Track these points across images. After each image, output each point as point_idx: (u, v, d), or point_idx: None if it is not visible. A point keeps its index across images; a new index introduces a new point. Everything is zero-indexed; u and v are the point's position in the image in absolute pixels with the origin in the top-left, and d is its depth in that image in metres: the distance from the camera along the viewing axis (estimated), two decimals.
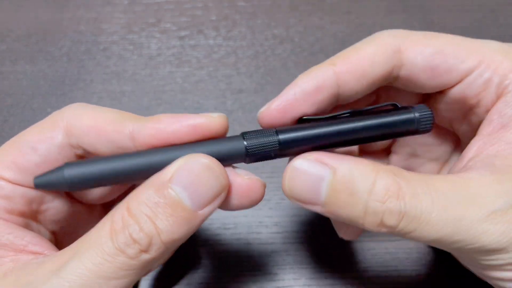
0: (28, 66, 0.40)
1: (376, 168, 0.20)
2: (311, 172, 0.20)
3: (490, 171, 0.19)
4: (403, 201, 0.19)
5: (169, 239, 0.19)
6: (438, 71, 0.22)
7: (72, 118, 0.22)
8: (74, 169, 0.20)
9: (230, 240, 0.32)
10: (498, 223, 0.18)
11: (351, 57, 0.22)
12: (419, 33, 0.23)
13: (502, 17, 0.43)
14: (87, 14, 0.43)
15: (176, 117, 0.21)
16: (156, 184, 0.19)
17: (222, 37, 0.42)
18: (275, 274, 0.31)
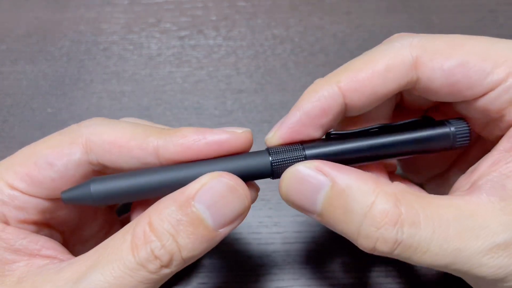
0: (28, 66, 0.40)
1: (378, 187, 0.19)
2: (309, 181, 0.20)
3: (499, 196, 0.18)
4: (400, 230, 0.18)
5: (189, 256, 0.19)
6: (459, 87, 0.20)
7: (92, 134, 0.21)
8: (100, 185, 0.20)
9: (230, 240, 0.32)
10: (499, 257, 0.18)
11: (360, 74, 0.20)
12: (441, 40, 0.20)
13: (502, 17, 0.43)
14: (87, 14, 0.43)
15: (202, 133, 0.20)
16: (179, 201, 0.19)
17: (222, 37, 0.42)
18: (275, 274, 0.31)
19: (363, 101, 0.21)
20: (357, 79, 0.20)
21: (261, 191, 0.34)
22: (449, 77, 0.20)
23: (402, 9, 0.43)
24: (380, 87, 0.20)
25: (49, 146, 0.21)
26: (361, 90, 0.20)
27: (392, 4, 0.43)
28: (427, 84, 0.20)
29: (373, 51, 0.21)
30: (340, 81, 0.20)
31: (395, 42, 0.21)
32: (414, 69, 0.20)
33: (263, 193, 0.34)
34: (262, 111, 0.38)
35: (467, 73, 0.19)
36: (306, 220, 0.33)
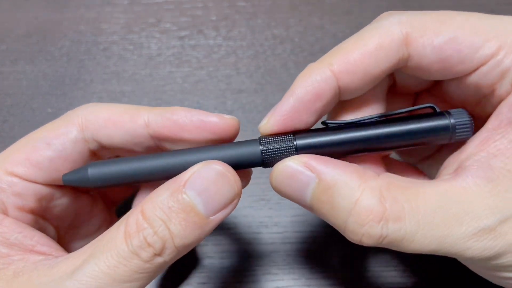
0: (28, 66, 0.40)
1: (363, 182, 0.19)
2: (297, 176, 0.20)
3: (486, 178, 0.18)
4: (385, 226, 0.18)
5: (181, 244, 0.19)
6: (450, 63, 0.20)
7: (88, 113, 0.22)
8: (97, 169, 0.21)
9: (230, 240, 0.32)
10: (484, 240, 0.18)
11: (351, 54, 0.20)
12: (430, 16, 0.20)
13: None
14: (87, 14, 0.43)
15: (191, 111, 0.21)
16: (170, 189, 0.19)
17: (222, 37, 0.42)
18: (275, 274, 0.31)
19: (356, 82, 0.20)
20: (348, 60, 0.20)
21: (261, 191, 0.34)
22: (440, 53, 0.20)
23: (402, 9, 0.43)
24: (373, 66, 0.20)
25: (47, 129, 0.22)
26: (354, 71, 0.20)
27: (392, 4, 0.43)
28: (418, 61, 0.20)
29: (363, 30, 0.21)
30: (332, 64, 0.20)
31: (384, 21, 0.21)
32: (405, 46, 0.20)
33: (263, 193, 0.34)
34: (262, 111, 0.38)
35: (458, 47, 0.19)
36: (306, 220, 0.33)
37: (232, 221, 0.33)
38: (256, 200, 0.34)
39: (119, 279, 0.18)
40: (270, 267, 0.31)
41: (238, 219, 0.33)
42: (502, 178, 0.18)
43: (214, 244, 0.32)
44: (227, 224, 0.33)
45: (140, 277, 0.18)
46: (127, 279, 0.18)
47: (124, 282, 0.18)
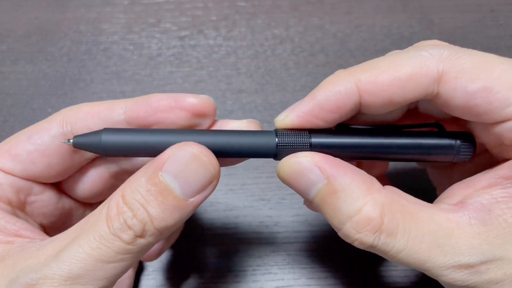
0: (28, 66, 0.40)
1: (369, 194, 0.20)
2: (306, 174, 0.20)
3: (482, 221, 0.19)
4: (378, 237, 0.19)
5: (161, 226, 0.19)
6: (477, 110, 0.19)
7: (68, 110, 0.23)
8: (111, 135, 0.21)
9: (230, 240, 0.32)
10: (460, 273, 0.19)
11: (381, 77, 0.20)
12: (472, 58, 0.20)
13: (502, 17, 0.43)
14: (87, 14, 0.43)
15: (164, 94, 0.22)
16: (148, 172, 0.19)
17: (222, 37, 0.42)
18: (275, 274, 0.31)
19: (378, 105, 0.20)
20: (377, 82, 0.20)
21: (261, 191, 0.34)
22: (470, 100, 0.19)
23: (402, 9, 0.43)
24: (399, 94, 0.20)
25: (33, 126, 0.23)
26: (379, 94, 0.20)
27: (392, 4, 0.43)
28: (446, 100, 0.20)
29: (401, 54, 0.21)
30: (361, 80, 0.20)
31: (424, 51, 0.20)
32: (437, 83, 0.20)
33: (263, 193, 0.34)
34: (262, 111, 0.38)
35: (489, 99, 0.19)
36: (306, 220, 0.33)
37: (232, 221, 0.33)
38: (256, 200, 0.34)
39: (102, 259, 0.18)
40: (270, 267, 0.31)
41: (238, 219, 0.33)
42: (497, 224, 0.19)
43: (214, 244, 0.32)
44: (227, 224, 0.33)
45: (124, 258, 0.19)
46: (110, 260, 0.18)
47: (108, 263, 0.18)
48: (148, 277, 0.31)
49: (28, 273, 0.18)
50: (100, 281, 0.19)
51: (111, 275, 0.19)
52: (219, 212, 0.33)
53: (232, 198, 0.34)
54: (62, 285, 0.18)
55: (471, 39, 0.41)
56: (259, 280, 0.31)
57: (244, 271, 0.31)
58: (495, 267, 0.19)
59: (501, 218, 0.19)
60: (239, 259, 0.31)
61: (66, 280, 0.18)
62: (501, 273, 0.19)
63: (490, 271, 0.19)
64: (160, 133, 0.21)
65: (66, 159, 0.23)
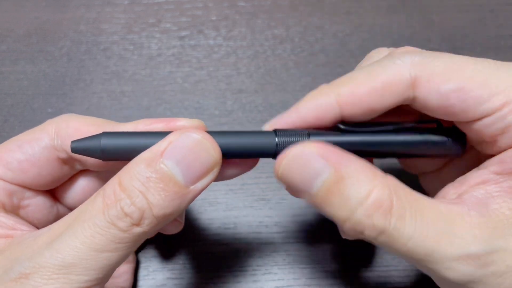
0: (28, 66, 0.40)
1: (375, 178, 0.19)
2: (311, 164, 0.20)
3: (480, 212, 0.19)
4: (389, 221, 0.19)
5: (161, 214, 0.19)
6: (453, 110, 0.20)
7: (60, 122, 0.23)
8: (110, 139, 0.21)
9: (230, 240, 0.32)
10: (467, 265, 0.19)
11: (359, 89, 0.21)
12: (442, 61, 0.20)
13: (502, 17, 0.43)
14: (87, 14, 0.43)
15: (154, 120, 0.22)
16: (148, 158, 0.19)
17: (222, 37, 0.42)
18: (275, 274, 0.31)
19: (359, 114, 0.21)
20: (354, 94, 0.21)
21: (261, 191, 0.34)
22: (445, 100, 0.20)
23: (402, 9, 0.43)
24: (377, 103, 0.21)
25: (25, 134, 0.23)
26: (358, 105, 0.21)
27: (392, 4, 0.43)
28: (423, 103, 0.21)
29: (375, 65, 0.21)
30: (340, 95, 0.21)
31: (397, 59, 0.21)
32: (412, 88, 0.21)
33: (263, 193, 0.34)
34: (262, 111, 0.38)
35: (463, 98, 0.20)
36: (306, 220, 0.33)
37: (232, 221, 0.33)
38: (256, 200, 0.34)
39: (96, 248, 0.18)
40: (270, 267, 0.31)
41: (238, 219, 0.33)
42: (494, 217, 0.19)
43: (214, 244, 0.32)
44: (227, 224, 0.33)
45: (119, 247, 0.19)
46: (105, 249, 0.18)
47: (102, 252, 0.18)
48: (148, 277, 0.31)
49: (22, 262, 0.18)
50: (94, 271, 0.18)
51: (105, 265, 0.18)
52: (219, 212, 0.33)
53: (232, 198, 0.34)
54: (55, 274, 0.18)
55: (471, 39, 0.41)
56: (259, 280, 0.31)
57: (244, 271, 0.31)
58: (499, 259, 0.19)
59: (498, 211, 0.19)
60: (239, 259, 0.31)
61: (60, 269, 0.18)
62: (504, 265, 0.19)
63: (494, 263, 0.19)
64: (159, 135, 0.20)
65: (56, 169, 0.23)
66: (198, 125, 0.22)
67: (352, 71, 0.22)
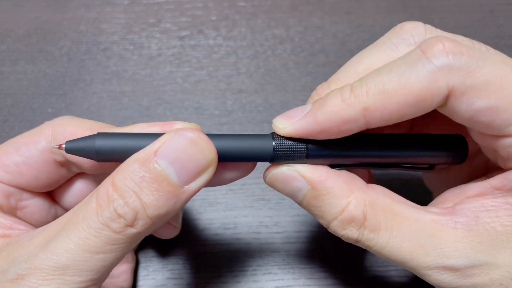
0: (28, 66, 0.40)
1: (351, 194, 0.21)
2: (289, 182, 0.21)
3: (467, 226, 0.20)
4: (361, 232, 0.20)
5: (155, 214, 0.19)
6: (479, 124, 0.19)
7: (57, 125, 0.23)
8: (104, 140, 0.20)
9: (230, 240, 0.32)
10: (444, 275, 0.20)
11: (390, 101, 0.19)
12: (485, 70, 0.18)
13: (502, 17, 0.43)
14: (87, 14, 0.43)
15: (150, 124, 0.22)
16: (141, 158, 0.19)
17: (222, 37, 0.42)
18: (275, 274, 0.31)
19: (384, 125, 0.20)
20: (385, 108, 0.19)
21: (261, 191, 0.34)
22: (475, 116, 0.19)
23: (402, 9, 0.43)
24: (407, 115, 0.19)
25: (23, 137, 0.23)
26: (387, 119, 0.19)
27: (392, 4, 0.43)
28: (451, 111, 0.20)
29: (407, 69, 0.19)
30: (368, 109, 0.19)
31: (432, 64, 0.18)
32: (445, 98, 0.19)
33: (263, 193, 0.34)
34: (262, 111, 0.38)
35: (493, 117, 0.19)
36: (306, 220, 0.33)
37: (232, 221, 0.33)
38: (256, 200, 0.34)
39: (90, 250, 0.18)
40: (270, 267, 0.31)
41: (238, 219, 0.33)
42: (483, 231, 0.20)
43: (214, 244, 0.32)
44: (227, 224, 0.33)
45: (113, 249, 0.18)
46: (99, 250, 0.18)
47: (96, 254, 0.18)
48: (148, 277, 0.31)
49: (18, 263, 0.18)
50: (88, 272, 0.18)
51: (100, 266, 0.18)
52: (219, 212, 0.33)
53: (232, 198, 0.34)
54: (50, 275, 0.18)
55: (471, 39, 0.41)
56: (259, 280, 0.31)
57: (244, 271, 0.31)
58: (481, 272, 0.19)
59: (489, 226, 0.20)
60: (239, 259, 0.31)
61: (55, 270, 0.18)
62: (488, 278, 0.19)
63: (476, 275, 0.19)
64: (154, 137, 0.20)
65: (53, 172, 0.23)
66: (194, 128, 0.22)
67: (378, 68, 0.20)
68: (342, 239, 0.21)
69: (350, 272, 0.31)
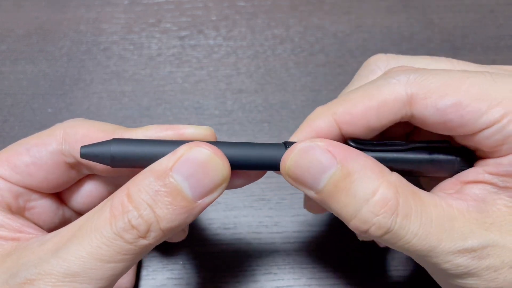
0: (28, 66, 0.40)
1: (382, 176, 0.20)
2: (318, 160, 0.20)
3: (478, 208, 0.20)
4: (395, 220, 0.19)
5: (167, 227, 0.19)
6: (452, 125, 0.20)
7: (68, 128, 0.23)
8: (120, 146, 0.20)
9: (230, 240, 0.32)
10: (464, 257, 0.19)
11: (355, 108, 0.21)
12: (438, 77, 0.20)
13: (502, 17, 0.43)
14: (87, 14, 0.43)
15: (164, 126, 0.22)
16: (157, 172, 0.19)
17: (222, 37, 0.42)
18: (275, 274, 0.31)
19: (357, 132, 0.22)
20: (351, 113, 0.21)
21: (261, 191, 0.34)
22: (443, 116, 0.20)
23: (402, 9, 0.43)
24: (374, 121, 0.21)
25: (33, 138, 0.23)
26: (355, 123, 0.21)
27: (392, 4, 0.43)
28: (422, 120, 0.21)
29: (370, 84, 0.22)
30: (336, 113, 0.21)
31: (392, 78, 0.21)
32: (408, 105, 0.21)
33: (263, 193, 0.34)
34: (262, 111, 0.38)
35: (460, 112, 0.20)
36: (306, 220, 0.33)
37: (232, 221, 0.33)
38: (256, 200, 0.34)
39: (102, 259, 0.18)
40: (270, 267, 0.31)
41: (238, 219, 0.33)
42: (491, 213, 0.20)
43: (214, 244, 0.32)
44: (227, 224, 0.33)
45: (124, 258, 0.19)
46: (110, 260, 0.18)
47: (108, 263, 0.18)
48: (148, 277, 0.31)
49: (28, 268, 0.18)
50: (98, 281, 0.18)
51: (110, 275, 0.19)
52: (219, 212, 0.33)
53: (232, 198, 0.34)
54: (60, 282, 0.18)
55: (471, 39, 0.41)
56: (259, 280, 0.31)
57: (244, 271, 0.31)
58: (494, 253, 0.19)
59: (494, 207, 0.20)
60: (239, 259, 0.31)
61: (65, 277, 0.18)
62: (500, 261, 0.19)
63: (490, 257, 0.19)
64: (169, 144, 0.20)
65: (63, 174, 0.23)
66: (208, 134, 0.22)
67: (348, 91, 0.23)
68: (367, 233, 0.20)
69: (350, 272, 0.31)
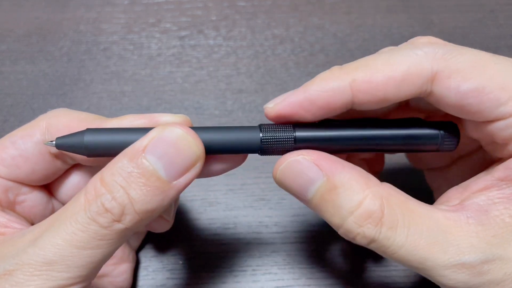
0: (28, 66, 0.40)
1: (368, 188, 0.20)
2: (305, 173, 0.20)
3: (479, 220, 0.19)
4: (379, 230, 0.19)
5: (143, 209, 0.19)
6: (469, 109, 0.19)
7: (51, 118, 0.23)
8: (93, 136, 0.21)
9: (230, 240, 0.32)
10: (461, 273, 0.19)
11: (376, 76, 0.20)
12: (465, 57, 0.19)
13: (502, 17, 0.43)
14: (87, 14, 0.43)
15: (139, 115, 0.22)
16: (130, 154, 0.19)
17: (222, 37, 0.42)
18: (275, 274, 0.31)
19: (371, 102, 0.20)
20: (371, 81, 0.20)
21: (261, 191, 0.34)
22: (463, 99, 0.19)
23: (402, 9, 0.43)
24: (392, 93, 0.20)
25: (19, 130, 0.23)
26: (373, 93, 0.20)
27: (392, 4, 0.43)
28: (439, 99, 0.20)
29: (396, 52, 0.20)
30: (355, 80, 0.20)
31: (418, 49, 0.20)
32: (430, 82, 0.20)
33: (263, 193, 0.34)
34: (262, 111, 0.38)
35: (481, 99, 0.19)
36: (306, 220, 0.33)
37: (232, 221, 0.33)
38: (256, 200, 0.34)
39: (77, 245, 0.18)
40: (270, 267, 0.31)
41: (238, 219, 0.33)
42: (494, 224, 0.19)
43: (214, 244, 0.32)
44: (227, 224, 0.33)
45: (101, 244, 0.18)
46: (87, 246, 0.18)
47: (84, 249, 0.18)
48: (148, 277, 0.31)
49: (7, 259, 0.18)
50: (76, 269, 0.18)
51: (88, 262, 0.18)
52: (219, 212, 0.33)
53: (232, 198, 0.34)
54: (37, 271, 0.18)
55: (471, 39, 0.41)
56: (259, 280, 0.31)
57: (244, 271, 0.31)
58: (495, 267, 0.19)
59: (498, 219, 0.19)
60: (239, 259, 0.31)
61: (42, 265, 0.18)
62: (502, 273, 0.19)
63: (491, 271, 0.19)
64: (142, 131, 0.20)
65: (49, 164, 0.24)
66: (182, 120, 0.22)
67: (368, 56, 0.21)
68: (355, 241, 0.20)
69: (350, 272, 0.31)
